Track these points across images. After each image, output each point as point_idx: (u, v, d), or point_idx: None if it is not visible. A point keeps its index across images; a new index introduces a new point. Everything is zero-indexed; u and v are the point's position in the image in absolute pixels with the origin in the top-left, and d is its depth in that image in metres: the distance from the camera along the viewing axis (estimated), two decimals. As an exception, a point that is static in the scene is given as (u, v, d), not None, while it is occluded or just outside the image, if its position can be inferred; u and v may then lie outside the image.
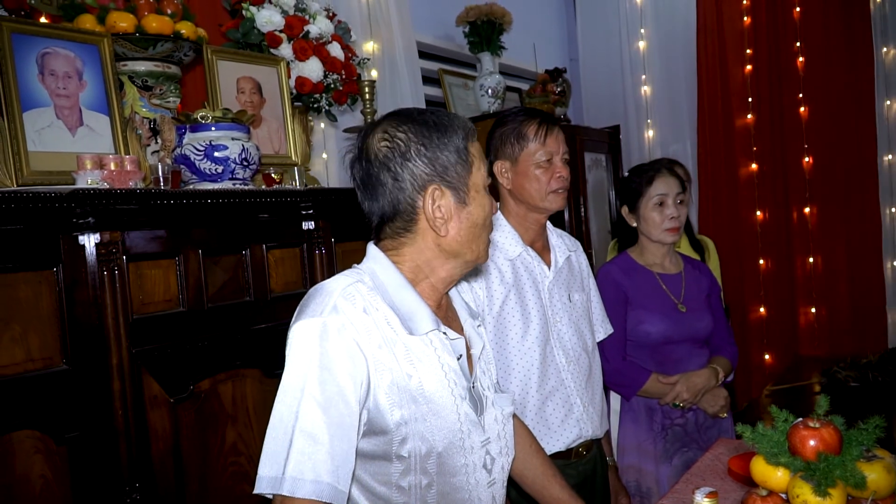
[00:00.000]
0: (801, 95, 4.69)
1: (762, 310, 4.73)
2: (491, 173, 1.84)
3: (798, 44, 4.64)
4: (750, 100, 4.64)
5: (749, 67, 4.63)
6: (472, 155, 1.20)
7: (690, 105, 4.72)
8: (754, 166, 4.69)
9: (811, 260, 4.81)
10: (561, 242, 1.93)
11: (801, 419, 1.34)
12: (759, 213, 4.71)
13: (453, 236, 1.20)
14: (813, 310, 4.81)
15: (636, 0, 4.81)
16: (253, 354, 1.90)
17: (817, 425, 1.30)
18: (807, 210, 4.77)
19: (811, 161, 4.71)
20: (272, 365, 1.92)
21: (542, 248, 1.89)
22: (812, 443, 1.28)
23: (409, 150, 1.17)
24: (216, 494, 1.79)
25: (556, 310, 1.82)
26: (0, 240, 1.45)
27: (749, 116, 4.66)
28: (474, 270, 1.71)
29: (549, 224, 1.94)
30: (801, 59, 4.64)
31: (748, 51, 4.63)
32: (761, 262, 4.71)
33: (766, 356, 4.75)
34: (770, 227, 4.71)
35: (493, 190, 1.69)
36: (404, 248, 1.22)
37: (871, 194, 4.48)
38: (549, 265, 1.86)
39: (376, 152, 1.18)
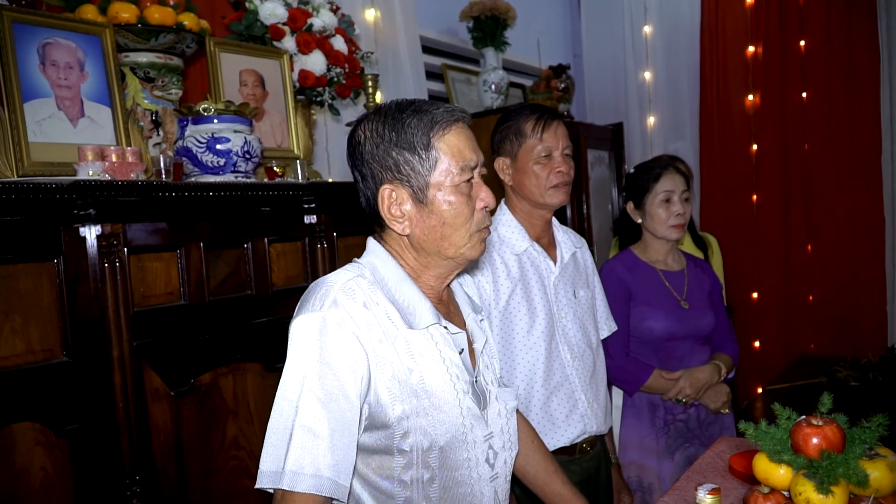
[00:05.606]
0: (803, 81, 4.56)
1: (762, 306, 4.69)
2: (492, 169, 1.83)
3: (800, 29, 4.55)
4: (750, 97, 4.59)
5: (751, 52, 4.55)
6: (438, 150, 1.15)
7: (693, 100, 4.69)
8: (755, 148, 4.58)
9: (810, 252, 4.72)
10: (567, 239, 1.93)
11: (803, 417, 1.34)
12: (755, 198, 4.63)
13: (418, 235, 1.17)
14: (812, 305, 4.75)
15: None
16: (254, 348, 1.89)
17: (820, 423, 1.30)
18: (809, 203, 4.65)
19: (809, 148, 4.58)
20: (273, 359, 1.91)
21: (548, 244, 1.88)
22: (815, 440, 1.27)
23: (365, 149, 1.17)
24: (217, 488, 1.79)
25: (561, 305, 1.82)
26: (1, 231, 1.44)
27: (751, 98, 4.59)
28: (477, 264, 1.71)
29: (554, 220, 1.93)
30: (802, 43, 4.55)
31: (750, 46, 4.57)
32: (759, 255, 4.66)
33: (765, 354, 4.71)
34: (770, 219, 4.65)
35: (497, 184, 1.69)
36: (391, 243, 1.22)
37: (874, 188, 4.41)
38: (554, 261, 1.85)
39: (351, 150, 1.20)
